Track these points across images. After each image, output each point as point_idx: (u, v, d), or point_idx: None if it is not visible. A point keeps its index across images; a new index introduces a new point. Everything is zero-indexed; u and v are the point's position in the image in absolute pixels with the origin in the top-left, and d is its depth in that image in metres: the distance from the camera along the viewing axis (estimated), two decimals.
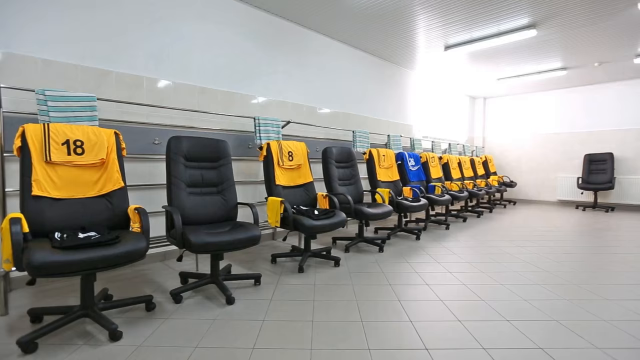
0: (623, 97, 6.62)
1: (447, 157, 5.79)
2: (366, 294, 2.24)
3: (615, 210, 6.52)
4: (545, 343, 1.64)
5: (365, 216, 3.18)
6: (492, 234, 4.25)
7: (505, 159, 8.13)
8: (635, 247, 3.58)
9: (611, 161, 6.61)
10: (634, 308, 2.06)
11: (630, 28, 4.14)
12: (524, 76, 6.23)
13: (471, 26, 4.08)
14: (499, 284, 2.46)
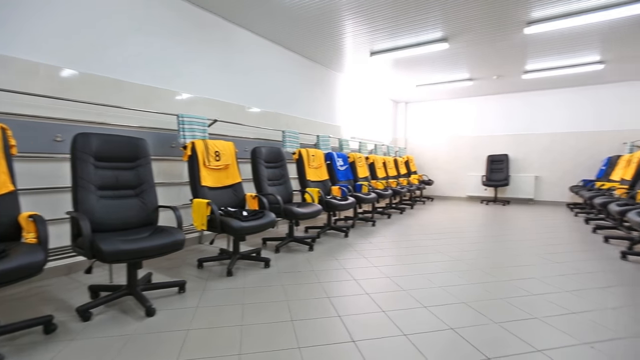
0: (514, 106, 7.71)
1: (373, 157, 6.12)
2: (296, 293, 2.26)
3: (510, 203, 7.56)
4: (456, 324, 1.83)
5: (295, 216, 3.20)
6: (413, 228, 4.60)
7: (424, 159, 8.88)
8: (526, 234, 4.19)
9: (507, 161, 7.66)
10: (525, 286, 2.41)
11: (520, 49, 4.84)
12: (439, 84, 6.87)
13: (394, 35, 4.36)
14: (418, 274, 2.68)
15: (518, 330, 1.77)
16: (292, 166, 4.43)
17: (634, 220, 2.85)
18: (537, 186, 7.52)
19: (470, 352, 1.55)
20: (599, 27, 4.06)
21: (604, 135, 6.86)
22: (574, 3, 3.49)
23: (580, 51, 4.98)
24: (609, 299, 2.20)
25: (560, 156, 7.29)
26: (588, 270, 2.79)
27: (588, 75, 6.16)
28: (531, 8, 3.62)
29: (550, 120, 7.38)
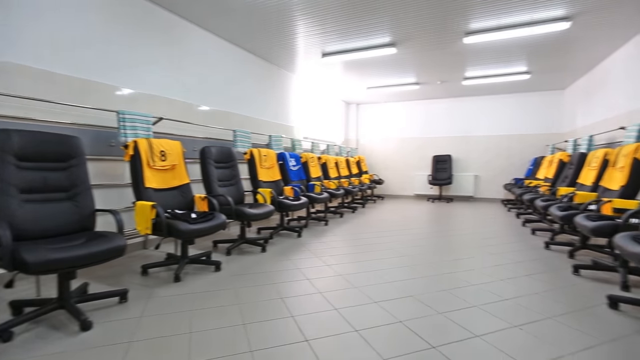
0: (456, 109, 8.28)
1: (326, 158, 6.20)
2: (248, 296, 2.21)
3: (453, 200, 8.09)
4: (404, 316, 1.92)
5: (246, 217, 3.13)
6: (364, 226, 4.74)
7: (375, 159, 9.18)
8: (466, 229, 4.51)
9: (450, 162, 8.19)
10: (465, 278, 2.59)
11: (460, 57, 5.20)
12: (388, 87, 7.14)
13: (345, 38, 4.45)
14: (369, 270, 2.76)
15: (459, 318, 1.90)
16: (243, 166, 4.33)
17: (555, 214, 3.20)
18: (477, 184, 8.13)
19: (417, 342, 1.64)
20: (525, 41, 4.50)
21: (532, 138, 7.61)
22: (504, 18, 3.82)
23: (511, 62, 5.47)
24: (535, 284, 2.44)
25: (495, 157, 7.95)
26: (518, 259, 3.07)
27: (518, 83, 6.79)
28: (469, 20, 3.90)
29: (487, 123, 8.01)
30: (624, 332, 1.76)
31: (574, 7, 3.56)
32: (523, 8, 3.59)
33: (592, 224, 2.46)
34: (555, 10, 3.65)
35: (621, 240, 1.91)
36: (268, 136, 5.11)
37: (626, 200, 2.72)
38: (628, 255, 1.81)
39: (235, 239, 3.47)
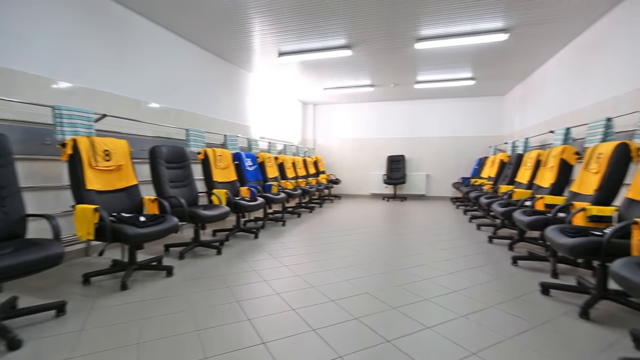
0: (409, 112, 8.64)
1: (283, 158, 6.16)
2: (202, 301, 2.13)
3: (407, 199, 8.44)
4: (360, 313, 1.96)
5: (200, 219, 3.02)
6: (322, 226, 4.78)
7: (332, 159, 9.30)
8: (419, 226, 4.73)
9: (404, 162, 8.53)
10: (418, 273, 2.71)
11: (412, 61, 5.44)
12: (344, 88, 7.27)
13: (301, 38, 4.45)
14: (327, 269, 2.79)
15: (412, 312, 1.99)
16: (197, 167, 4.17)
17: (496, 210, 3.46)
18: (428, 183, 8.54)
19: (372, 337, 1.68)
20: (470, 49, 4.81)
21: (477, 139, 8.16)
22: (451, 27, 4.06)
23: (458, 68, 5.83)
24: (479, 276, 2.62)
25: (445, 157, 8.41)
26: (465, 254, 3.28)
27: (464, 88, 7.25)
28: (419, 27, 4.09)
29: (438, 125, 8.46)
30: (553, 315, 1.95)
31: (511, 20, 3.87)
32: (467, 18, 3.83)
33: (527, 218, 2.69)
34: (495, 23, 3.95)
35: (550, 233, 2.12)
36: (223, 136, 4.97)
37: (555, 197, 3.01)
38: (556, 246, 2.01)
39: (189, 242, 3.33)
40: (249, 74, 6.09)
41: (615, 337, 1.70)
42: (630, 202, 2.06)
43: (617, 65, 3.46)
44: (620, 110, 3.15)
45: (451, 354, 1.55)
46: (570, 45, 4.56)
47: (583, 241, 1.84)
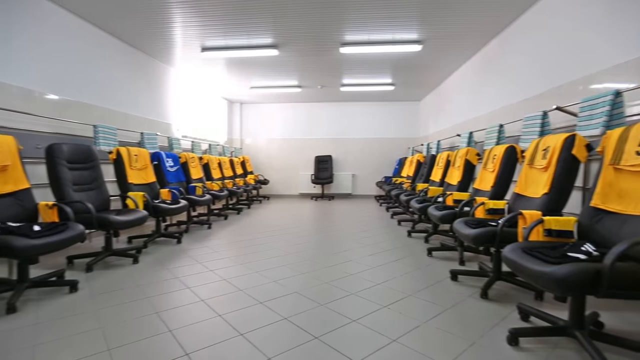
0: (336, 113, 8.94)
1: (208, 158, 5.88)
2: (115, 316, 1.93)
3: (334, 198, 8.71)
4: (289, 313, 1.97)
5: (112, 225, 2.72)
6: (250, 227, 4.68)
7: (260, 159, 9.16)
8: (345, 224, 4.92)
9: (331, 162, 8.79)
10: (344, 269, 2.81)
11: (338, 65, 5.63)
12: (272, 88, 7.21)
13: (226, 34, 4.30)
14: (255, 272, 2.74)
15: (339, 307, 2.06)
16: (108, 167, 3.75)
17: (414, 206, 3.77)
18: (354, 182, 8.94)
19: (301, 336, 1.70)
20: (390, 57, 5.16)
21: (398, 141, 8.79)
22: (374, 35, 4.31)
23: (379, 74, 6.21)
24: (400, 268, 2.83)
25: (369, 157, 8.89)
26: (387, 248, 3.51)
27: (386, 93, 7.75)
28: (344, 32, 4.25)
29: (362, 127, 8.89)
30: (460, 298, 2.19)
31: (424, 33, 4.25)
32: (387, 28, 4.10)
33: (439, 213, 2.98)
34: (411, 34, 4.30)
35: (457, 225, 2.38)
36: (140, 133, 4.55)
37: (461, 193, 3.39)
38: (462, 236, 2.27)
39: (99, 251, 2.98)
40: (170, 68, 5.68)
41: (507, 312, 1.98)
42: (517, 196, 2.42)
43: (507, 80, 4.04)
44: (509, 117, 3.68)
45: (374, 342, 1.64)
46: (471, 60, 5.18)
47: (482, 231, 2.11)
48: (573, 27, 2.91)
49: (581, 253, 1.48)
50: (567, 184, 2.08)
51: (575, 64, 2.86)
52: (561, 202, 2.09)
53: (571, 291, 1.34)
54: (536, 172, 2.29)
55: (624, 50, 2.36)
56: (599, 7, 2.62)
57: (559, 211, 2.08)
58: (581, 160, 2.06)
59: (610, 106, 2.10)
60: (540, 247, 1.63)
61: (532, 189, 2.28)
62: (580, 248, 1.54)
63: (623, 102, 2.11)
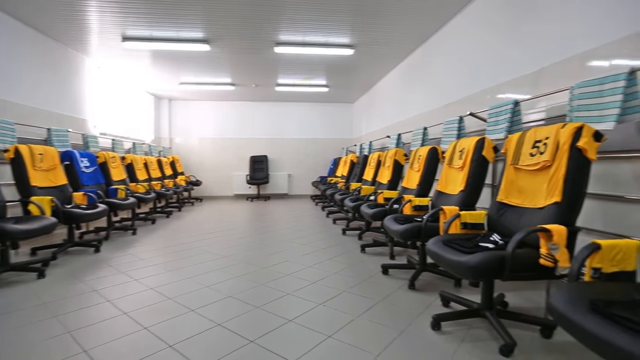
0: (271, 113, 8.86)
1: (132, 157, 5.41)
2: (13, 343, 1.67)
3: (270, 198, 8.63)
4: (223, 319, 1.89)
5: (8, 235, 2.35)
6: (181, 231, 4.41)
7: (192, 159, 8.69)
8: (281, 224, 4.90)
9: (266, 162, 8.69)
10: (280, 269, 2.80)
11: (272, 64, 5.58)
12: (203, 85, 6.88)
13: (152, 24, 3.98)
14: (186, 278, 2.59)
15: (275, 308, 2.04)
16: (4, 168, 3.22)
17: (348, 205, 3.90)
18: (290, 182, 8.95)
19: (236, 341, 1.65)
20: (324, 59, 5.28)
21: (332, 141, 9.02)
22: (308, 36, 4.36)
23: (314, 75, 6.30)
24: (335, 266, 2.90)
25: (305, 157, 8.98)
26: (322, 247, 3.58)
27: (320, 94, 7.89)
28: (278, 32, 4.23)
29: (298, 127, 8.94)
30: (390, 290, 2.32)
31: (355, 38, 4.43)
32: (320, 31, 4.19)
33: (371, 211, 3.13)
34: (343, 39, 4.44)
35: (387, 222, 2.52)
36: (46, 130, 4.00)
37: (391, 191, 3.60)
38: (391, 232, 2.41)
39: None
40: (85, 57, 5.08)
41: (431, 300, 2.16)
42: (439, 194, 2.65)
43: (431, 86, 4.40)
44: (433, 121, 4.01)
45: (310, 340, 1.66)
46: (399, 66, 5.53)
47: (409, 227, 2.26)
48: (483, 43, 3.27)
49: (490, 243, 1.68)
50: (479, 182, 2.33)
51: (486, 74, 3.23)
52: (474, 198, 2.34)
53: (481, 277, 1.51)
54: (454, 171, 2.53)
55: (521, 66, 2.73)
56: (501, 26, 2.99)
57: (472, 206, 2.32)
58: (490, 161, 2.33)
59: (511, 114, 2.40)
60: (458, 239, 1.81)
61: (451, 187, 2.51)
62: (489, 238, 1.74)
63: (521, 111, 2.44)
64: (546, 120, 2.45)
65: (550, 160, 1.66)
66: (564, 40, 2.35)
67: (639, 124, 1.77)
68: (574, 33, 2.28)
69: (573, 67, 2.26)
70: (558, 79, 2.37)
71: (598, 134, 1.54)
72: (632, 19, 1.89)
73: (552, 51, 2.44)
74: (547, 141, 1.71)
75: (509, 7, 2.92)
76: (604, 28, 2.05)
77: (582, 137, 1.54)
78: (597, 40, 2.10)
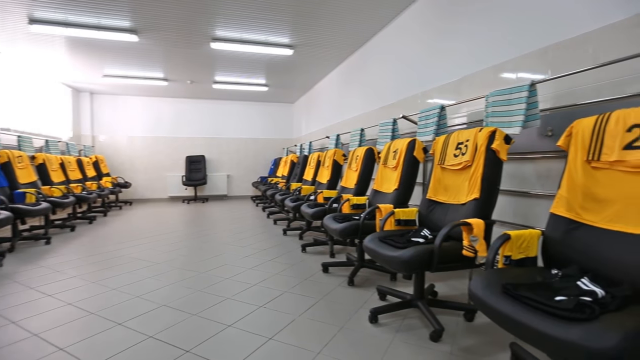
0: (209, 111, 8.49)
1: (44, 157, 4.79)
2: None
3: (209, 200, 8.27)
4: (155, 330, 1.77)
5: None
6: (107, 238, 4.02)
7: (119, 160, 7.96)
8: (220, 227, 4.72)
9: (204, 162, 8.31)
10: (219, 274, 2.69)
11: (209, 60, 5.35)
12: (131, 78, 6.33)
13: (66, 6, 3.55)
14: (112, 289, 2.37)
15: (213, 314, 1.96)
16: None
17: (288, 205, 3.90)
18: (230, 183, 8.67)
19: (170, 353, 1.55)
20: (264, 58, 5.21)
21: (273, 141, 8.93)
22: (246, 34, 4.27)
23: (253, 74, 6.19)
24: (276, 267, 2.88)
25: (245, 157, 8.77)
26: (263, 248, 3.53)
27: (260, 93, 7.77)
28: (215, 26, 4.07)
29: (237, 126, 8.69)
30: (331, 288, 2.38)
31: (294, 39, 4.44)
32: (259, 29, 4.12)
33: (311, 210, 3.17)
34: (283, 39, 4.43)
35: (327, 221, 2.58)
36: None
37: (331, 191, 3.69)
38: (331, 231, 2.47)
39: None
40: None
41: (369, 295, 2.25)
42: (375, 192, 2.77)
43: (368, 88, 4.58)
44: (370, 122, 4.18)
45: (251, 344, 1.63)
46: (338, 68, 5.68)
47: (347, 225, 2.33)
48: (413, 51, 3.51)
49: (421, 237, 1.80)
50: (411, 181, 2.49)
51: (417, 80, 3.46)
52: (407, 195, 2.49)
53: (413, 270, 1.62)
54: (389, 170, 2.67)
55: (447, 74, 2.98)
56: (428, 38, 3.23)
57: (406, 204, 2.48)
58: (420, 161, 2.51)
59: (438, 117, 2.61)
60: (392, 235, 1.91)
61: (386, 185, 2.65)
62: (420, 233, 1.87)
63: (446, 115, 2.66)
64: (468, 124, 2.71)
65: (471, 160, 1.84)
66: (481, 53, 2.62)
67: (539, 129, 2.05)
68: (488, 47, 2.55)
69: (489, 77, 2.53)
70: (477, 87, 2.63)
71: (508, 138, 1.74)
72: (533, 38, 2.18)
73: (472, 62, 2.70)
74: (467, 143, 1.89)
75: (433, 23, 3.17)
76: (512, 44, 2.33)
77: (495, 140, 1.73)
78: (506, 55, 2.37)
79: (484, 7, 2.58)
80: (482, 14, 2.60)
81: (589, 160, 1.31)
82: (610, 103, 1.70)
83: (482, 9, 2.60)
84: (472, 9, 2.70)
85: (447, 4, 3.00)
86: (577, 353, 0.83)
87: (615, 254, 1.15)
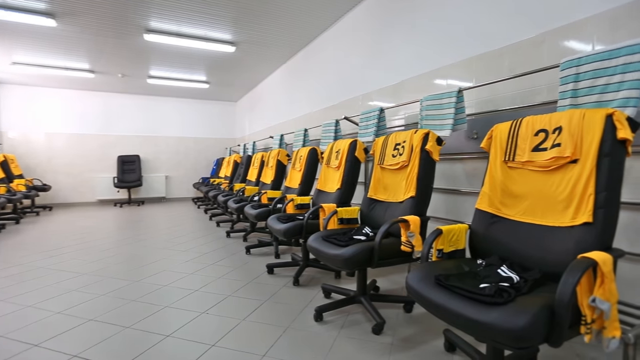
0: (144, 108, 7.90)
1: None
2: None
3: (145, 203, 7.70)
4: (80, 348, 1.60)
5: None
6: (19, 249, 3.54)
7: (36, 160, 7.06)
8: (158, 231, 4.43)
9: (139, 162, 7.72)
10: (156, 281, 2.53)
11: (142, 53, 4.98)
12: (48, 68, 5.64)
13: None
14: (27, 306, 2.09)
15: (149, 325, 1.83)
16: None
17: (231, 206, 3.79)
18: (168, 185, 8.16)
19: None
20: (204, 54, 4.99)
21: (215, 141, 8.60)
22: (184, 27, 4.05)
23: (193, 70, 5.90)
24: (219, 270, 2.78)
25: (185, 157, 8.32)
26: (205, 251, 3.38)
27: (201, 90, 7.43)
28: (149, 17, 3.80)
29: (176, 125, 8.21)
30: (276, 289, 2.36)
31: (236, 36, 4.33)
32: (198, 23, 3.94)
33: (255, 211, 3.11)
34: (224, 35, 4.29)
35: (271, 221, 2.55)
36: None
37: (275, 191, 3.65)
38: (275, 232, 2.45)
39: None
40: None
41: (314, 294, 2.27)
42: (319, 192, 2.81)
43: (311, 89, 4.63)
44: (313, 123, 4.23)
45: (192, 353, 1.55)
46: (281, 67, 5.65)
47: (291, 225, 2.33)
48: (355, 54, 3.62)
49: (362, 235, 1.87)
50: (353, 180, 2.57)
51: (359, 82, 3.58)
52: (349, 195, 2.56)
53: (355, 266, 1.67)
54: (332, 170, 2.72)
55: (386, 78, 3.13)
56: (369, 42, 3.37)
57: (348, 202, 2.54)
58: (361, 161, 2.59)
59: (377, 119, 2.72)
60: (335, 233, 1.95)
61: (330, 185, 2.70)
62: (362, 231, 1.93)
63: (385, 117, 2.78)
64: (405, 126, 2.87)
65: (407, 160, 1.95)
66: (417, 60, 2.79)
67: (466, 132, 2.24)
68: (423, 55, 2.72)
69: (424, 83, 2.71)
70: (413, 91, 2.80)
71: (439, 139, 1.88)
72: (460, 48, 2.38)
73: (409, 68, 2.86)
74: (404, 144, 2.00)
75: (375, 27, 3.30)
76: (443, 54, 2.52)
77: (428, 142, 1.86)
78: (439, 63, 2.56)
79: (420, 17, 2.75)
80: (418, 24, 2.77)
81: (506, 160, 1.46)
82: (523, 110, 1.92)
83: (418, 19, 2.77)
84: (408, 19, 2.87)
85: (386, 13, 3.15)
86: (497, 334, 0.92)
87: (526, 243, 1.30)
